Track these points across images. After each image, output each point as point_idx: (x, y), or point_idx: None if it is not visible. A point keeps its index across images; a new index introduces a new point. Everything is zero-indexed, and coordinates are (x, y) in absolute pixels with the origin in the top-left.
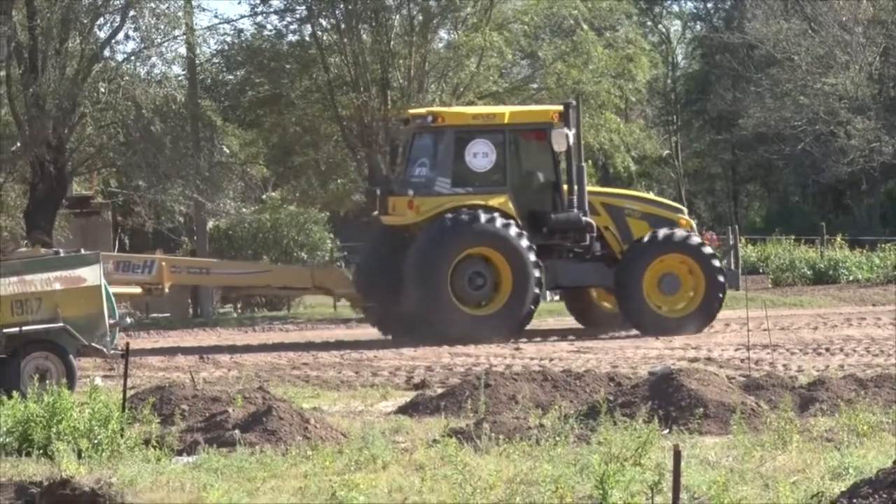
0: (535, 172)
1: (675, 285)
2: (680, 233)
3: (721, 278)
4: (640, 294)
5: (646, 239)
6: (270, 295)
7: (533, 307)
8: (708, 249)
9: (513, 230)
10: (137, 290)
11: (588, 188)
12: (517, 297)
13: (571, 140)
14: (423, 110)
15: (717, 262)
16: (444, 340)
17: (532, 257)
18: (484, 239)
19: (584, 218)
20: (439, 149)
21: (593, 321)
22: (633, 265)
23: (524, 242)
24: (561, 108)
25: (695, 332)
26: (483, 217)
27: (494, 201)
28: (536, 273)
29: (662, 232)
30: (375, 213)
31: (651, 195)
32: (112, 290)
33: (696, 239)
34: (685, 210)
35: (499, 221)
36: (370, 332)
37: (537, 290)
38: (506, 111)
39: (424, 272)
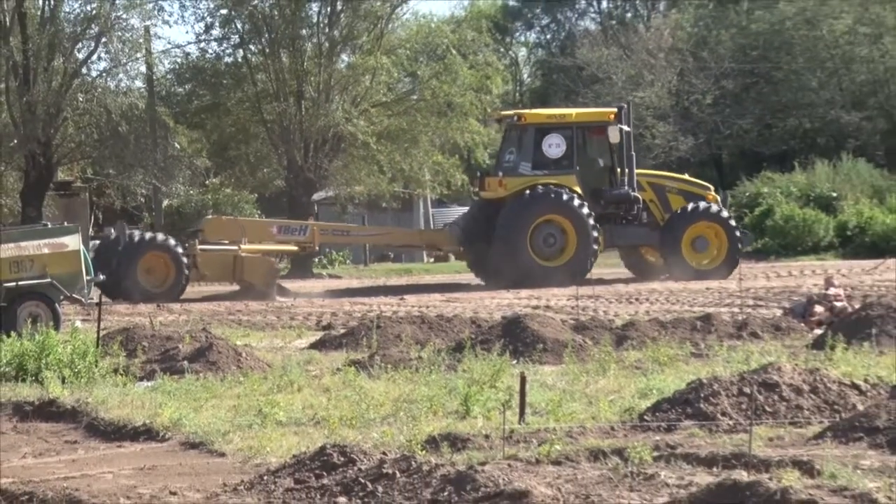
0: (595, 159)
1: (704, 245)
2: (710, 206)
3: (739, 242)
4: (679, 252)
5: (683, 210)
6: (392, 250)
7: (592, 261)
8: (730, 218)
9: (578, 202)
10: (294, 248)
11: (637, 171)
12: (580, 253)
13: (624, 133)
14: (510, 112)
15: (737, 228)
16: (523, 285)
17: (592, 223)
18: (556, 209)
19: (633, 193)
20: (522, 140)
21: (641, 271)
22: (674, 230)
23: (586, 212)
24: (616, 110)
25: (718, 278)
26: (555, 192)
27: (564, 180)
28: (595, 235)
29: (697, 204)
30: (476, 189)
31: (686, 176)
32: (274, 247)
33: (722, 211)
34: (712, 188)
35: (567, 196)
36: (288, 287)
37: (595, 248)
38: (573, 112)
39: (510, 233)
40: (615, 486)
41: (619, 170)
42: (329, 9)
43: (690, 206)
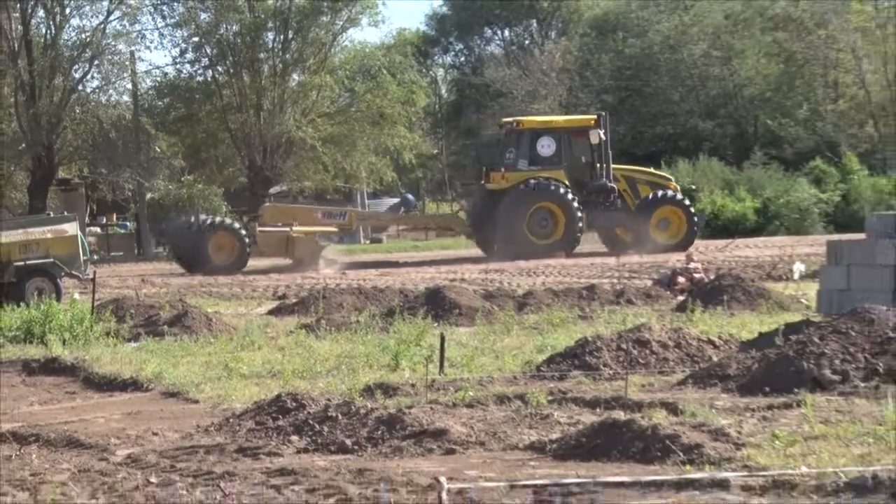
0: (579, 156)
1: (667, 225)
2: (670, 193)
3: (696, 220)
4: (647, 231)
5: (650, 197)
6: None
7: (578, 239)
8: (688, 203)
9: (566, 192)
10: (335, 228)
11: (613, 165)
12: (568, 233)
13: (602, 136)
14: (510, 119)
15: (693, 211)
16: (519, 258)
17: (577, 209)
18: (548, 197)
19: (609, 184)
20: (520, 142)
21: (616, 247)
22: (642, 214)
23: (572, 200)
24: (595, 117)
25: (679, 251)
26: (548, 184)
27: (555, 174)
28: (580, 218)
29: (660, 192)
30: (482, 181)
31: (652, 169)
32: (318, 229)
33: (680, 196)
34: (673, 178)
35: (558, 187)
36: (250, 264)
37: (580, 229)
38: (561, 119)
39: (511, 217)
40: (518, 425)
41: (598, 165)
42: (282, 37)
43: (654, 194)
